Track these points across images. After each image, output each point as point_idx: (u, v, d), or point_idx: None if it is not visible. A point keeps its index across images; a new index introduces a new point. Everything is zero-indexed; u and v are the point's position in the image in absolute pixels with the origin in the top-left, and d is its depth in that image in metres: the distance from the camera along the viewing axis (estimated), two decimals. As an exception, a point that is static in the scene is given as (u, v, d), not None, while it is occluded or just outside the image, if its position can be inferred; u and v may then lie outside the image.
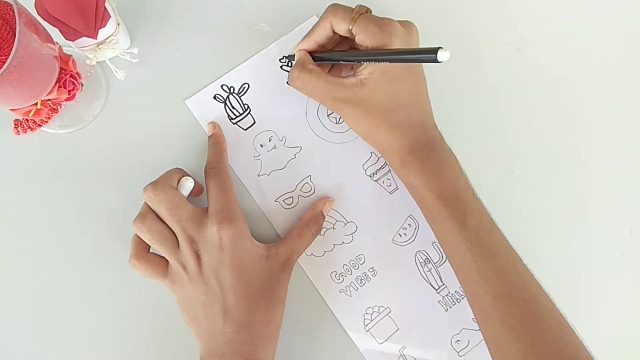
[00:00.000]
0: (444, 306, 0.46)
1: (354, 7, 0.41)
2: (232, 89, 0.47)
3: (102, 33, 0.40)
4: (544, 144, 0.49)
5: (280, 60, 0.46)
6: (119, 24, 0.42)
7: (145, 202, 0.42)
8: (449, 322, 0.46)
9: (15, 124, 0.45)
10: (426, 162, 0.41)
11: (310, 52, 0.43)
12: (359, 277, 0.46)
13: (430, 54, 0.33)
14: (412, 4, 0.49)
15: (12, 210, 0.46)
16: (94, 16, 0.39)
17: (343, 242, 0.46)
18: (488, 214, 0.42)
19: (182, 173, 0.44)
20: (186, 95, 0.47)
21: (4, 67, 0.31)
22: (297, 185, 0.47)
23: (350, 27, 0.40)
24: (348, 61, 0.41)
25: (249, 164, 0.46)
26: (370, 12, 0.41)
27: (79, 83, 0.43)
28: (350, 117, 0.43)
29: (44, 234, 0.46)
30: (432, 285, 0.46)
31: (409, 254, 0.46)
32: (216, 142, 0.45)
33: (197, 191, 0.44)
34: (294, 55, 0.44)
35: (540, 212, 0.49)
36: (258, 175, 0.46)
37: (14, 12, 0.32)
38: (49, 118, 0.44)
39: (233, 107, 0.46)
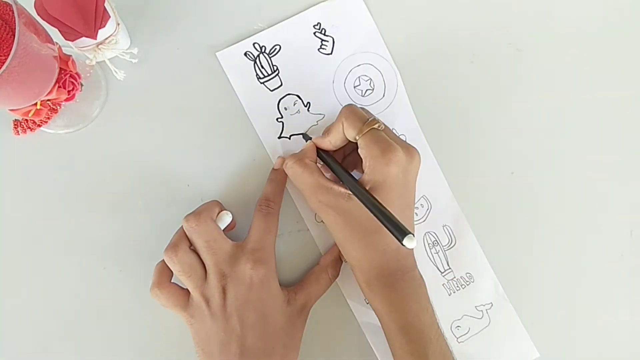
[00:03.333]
0: (448, 290, 0.46)
1: (368, 116, 0.41)
2: (263, 48, 0.47)
3: (102, 33, 0.40)
4: (544, 144, 0.49)
5: (302, 135, 0.47)
6: (118, 24, 0.42)
7: (178, 232, 0.42)
8: (451, 306, 0.46)
9: (15, 124, 0.45)
10: (391, 291, 0.40)
11: (319, 149, 0.44)
12: None
13: (400, 233, 0.33)
14: (413, 4, 0.48)
15: (11, 210, 0.46)
16: (93, 16, 0.39)
17: None
18: (451, 353, 0.41)
19: (221, 206, 0.44)
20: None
21: (4, 67, 0.31)
22: None
23: (357, 138, 0.40)
24: (340, 179, 0.41)
25: (271, 125, 0.47)
26: (381, 126, 0.40)
27: (78, 83, 0.43)
28: (329, 221, 0.42)
29: (43, 234, 0.46)
30: (437, 268, 0.46)
31: (418, 233, 0.47)
32: (278, 179, 0.45)
33: (231, 226, 0.44)
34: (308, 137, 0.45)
35: (540, 212, 0.49)
36: (278, 137, 0.47)
37: (13, 13, 0.32)
38: (48, 118, 0.44)
39: (262, 67, 0.47)
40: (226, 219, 0.43)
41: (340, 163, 0.43)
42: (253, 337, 0.40)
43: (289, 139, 0.47)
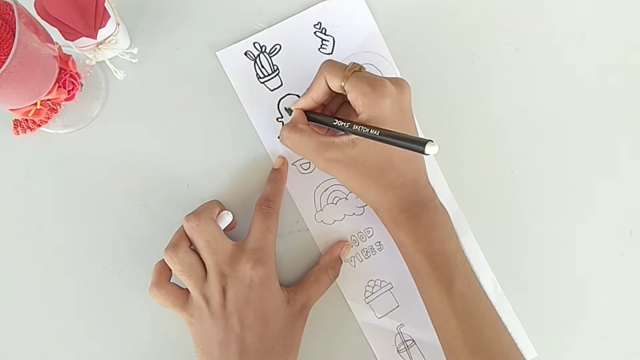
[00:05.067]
0: None
1: (348, 64, 0.41)
2: (264, 47, 0.47)
3: (102, 33, 0.40)
4: (544, 144, 0.49)
5: (285, 108, 0.47)
6: (118, 24, 0.42)
7: (178, 231, 0.42)
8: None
9: (15, 124, 0.45)
10: (417, 222, 0.41)
11: (308, 111, 0.44)
12: (365, 250, 0.47)
13: (419, 145, 0.32)
14: (414, 4, 0.49)
15: (11, 210, 0.46)
16: (93, 16, 0.39)
17: (354, 214, 0.47)
18: (477, 278, 0.42)
19: (222, 206, 0.44)
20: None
21: (4, 67, 0.31)
22: None
23: (343, 84, 0.40)
24: (339, 129, 0.40)
25: (271, 125, 0.47)
26: (364, 70, 0.41)
27: (78, 83, 0.43)
28: (342, 176, 0.42)
29: (43, 234, 0.46)
30: None
31: None
32: (277, 179, 0.45)
33: (231, 226, 0.44)
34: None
35: (540, 212, 0.49)
36: (278, 137, 0.47)
37: (13, 12, 0.32)
38: (48, 118, 0.44)
39: (262, 67, 0.47)
40: (227, 218, 0.43)
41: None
42: (252, 337, 0.40)
43: None
